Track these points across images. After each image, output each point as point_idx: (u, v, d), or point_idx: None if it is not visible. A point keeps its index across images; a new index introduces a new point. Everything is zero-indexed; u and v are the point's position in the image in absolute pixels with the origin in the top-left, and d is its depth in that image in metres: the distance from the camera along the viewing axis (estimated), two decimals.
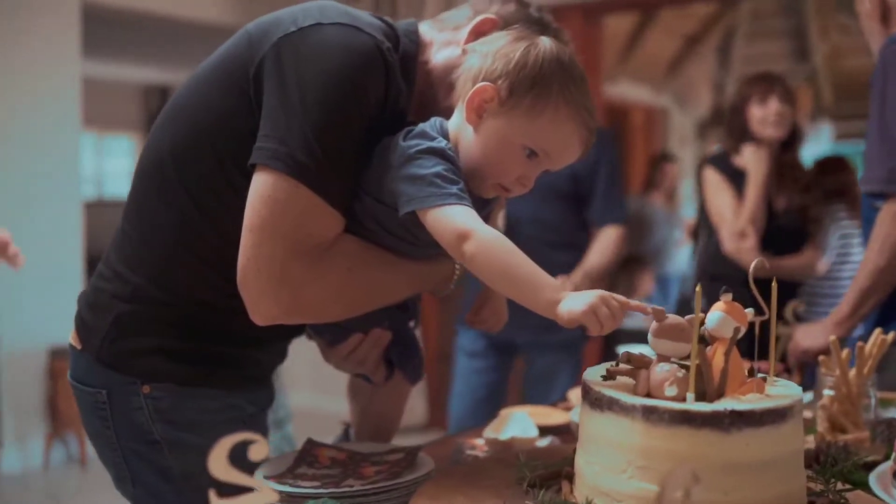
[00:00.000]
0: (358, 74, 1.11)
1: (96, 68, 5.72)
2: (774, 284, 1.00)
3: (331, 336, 1.32)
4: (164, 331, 1.22)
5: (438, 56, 1.27)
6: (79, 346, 1.26)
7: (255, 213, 1.09)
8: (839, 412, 1.40)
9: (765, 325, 2.06)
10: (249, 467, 1.17)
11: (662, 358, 0.97)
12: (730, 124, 2.79)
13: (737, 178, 2.71)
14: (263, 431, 1.43)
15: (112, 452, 1.26)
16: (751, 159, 2.67)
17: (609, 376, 1.00)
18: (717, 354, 0.95)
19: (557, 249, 2.71)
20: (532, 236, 2.69)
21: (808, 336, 1.85)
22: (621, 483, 0.91)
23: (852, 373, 1.40)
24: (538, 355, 2.75)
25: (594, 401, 0.95)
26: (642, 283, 4.90)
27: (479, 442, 1.44)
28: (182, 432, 1.22)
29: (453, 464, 1.37)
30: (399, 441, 1.40)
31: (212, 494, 0.78)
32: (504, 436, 1.41)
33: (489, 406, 2.68)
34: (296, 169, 1.08)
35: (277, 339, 1.33)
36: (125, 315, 1.22)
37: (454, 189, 1.06)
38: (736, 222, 2.66)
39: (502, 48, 1.12)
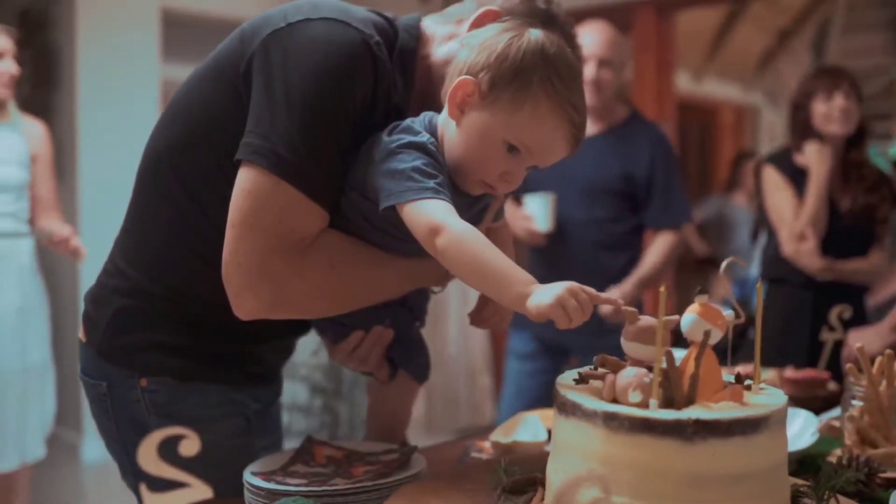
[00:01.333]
0: (342, 69, 1.10)
1: (176, 71, 5.93)
2: (759, 286, 0.94)
3: (333, 333, 1.31)
4: (162, 326, 1.24)
5: (440, 50, 1.25)
6: (84, 340, 1.29)
7: (237, 209, 1.10)
8: (870, 425, 1.31)
9: (815, 333, 1.95)
10: (244, 461, 1.18)
11: (635, 362, 0.92)
12: (792, 121, 2.66)
13: (798, 178, 2.57)
14: (271, 427, 1.44)
15: (115, 444, 1.28)
16: (813, 157, 2.53)
17: (582, 380, 0.96)
18: (691, 359, 0.90)
19: (609, 251, 2.63)
20: (583, 238, 2.63)
21: (862, 341, 1.74)
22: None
23: (884, 383, 1.31)
24: (589, 358, 2.67)
25: (560, 405, 0.92)
26: (718, 285, 4.73)
27: (488, 444, 1.42)
28: (179, 426, 1.23)
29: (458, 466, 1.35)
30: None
31: (143, 488, 0.78)
32: (508, 439, 1.38)
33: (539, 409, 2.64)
34: (277, 164, 1.08)
35: (278, 335, 1.33)
36: (124, 309, 1.24)
37: (431, 183, 1.04)
38: (795, 223, 2.52)
39: (487, 40, 1.09)
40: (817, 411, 1.53)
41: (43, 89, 4.25)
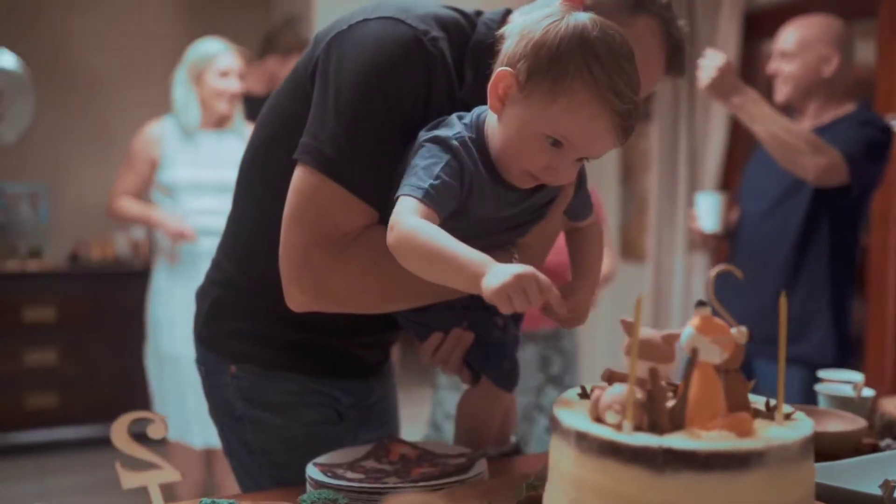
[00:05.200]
0: (388, 67, 1.10)
1: None
2: (783, 297, 0.81)
3: (416, 333, 1.32)
4: (250, 316, 1.32)
5: None
6: (193, 327, 1.41)
7: (288, 204, 1.15)
8: None
9: None
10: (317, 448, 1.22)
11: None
12: None
13: None
14: (377, 423, 1.46)
15: (214, 424, 1.39)
16: None
17: (585, 395, 0.89)
18: (696, 379, 0.80)
19: (800, 255, 2.33)
20: (770, 240, 2.38)
21: None
22: None
23: None
24: (764, 369, 2.37)
25: (551, 420, 0.85)
26: None
27: None
28: (261, 411, 1.31)
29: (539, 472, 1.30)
30: None
31: (118, 465, 0.83)
32: None
33: None
34: (322, 162, 1.11)
35: (363, 331, 1.35)
36: (218, 299, 1.34)
37: (427, 182, 1.02)
38: None
39: (527, 27, 1.04)
40: None
41: None
